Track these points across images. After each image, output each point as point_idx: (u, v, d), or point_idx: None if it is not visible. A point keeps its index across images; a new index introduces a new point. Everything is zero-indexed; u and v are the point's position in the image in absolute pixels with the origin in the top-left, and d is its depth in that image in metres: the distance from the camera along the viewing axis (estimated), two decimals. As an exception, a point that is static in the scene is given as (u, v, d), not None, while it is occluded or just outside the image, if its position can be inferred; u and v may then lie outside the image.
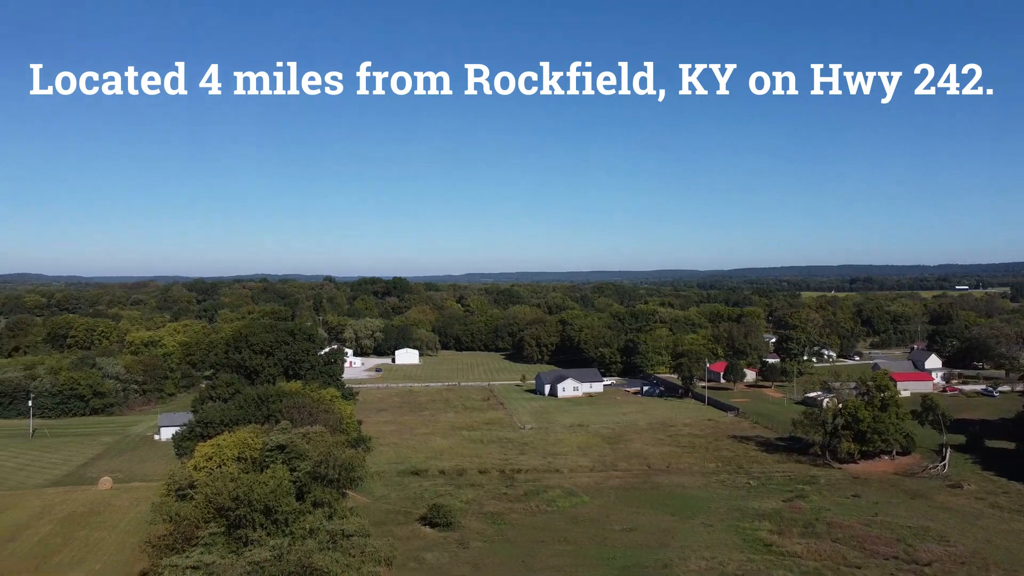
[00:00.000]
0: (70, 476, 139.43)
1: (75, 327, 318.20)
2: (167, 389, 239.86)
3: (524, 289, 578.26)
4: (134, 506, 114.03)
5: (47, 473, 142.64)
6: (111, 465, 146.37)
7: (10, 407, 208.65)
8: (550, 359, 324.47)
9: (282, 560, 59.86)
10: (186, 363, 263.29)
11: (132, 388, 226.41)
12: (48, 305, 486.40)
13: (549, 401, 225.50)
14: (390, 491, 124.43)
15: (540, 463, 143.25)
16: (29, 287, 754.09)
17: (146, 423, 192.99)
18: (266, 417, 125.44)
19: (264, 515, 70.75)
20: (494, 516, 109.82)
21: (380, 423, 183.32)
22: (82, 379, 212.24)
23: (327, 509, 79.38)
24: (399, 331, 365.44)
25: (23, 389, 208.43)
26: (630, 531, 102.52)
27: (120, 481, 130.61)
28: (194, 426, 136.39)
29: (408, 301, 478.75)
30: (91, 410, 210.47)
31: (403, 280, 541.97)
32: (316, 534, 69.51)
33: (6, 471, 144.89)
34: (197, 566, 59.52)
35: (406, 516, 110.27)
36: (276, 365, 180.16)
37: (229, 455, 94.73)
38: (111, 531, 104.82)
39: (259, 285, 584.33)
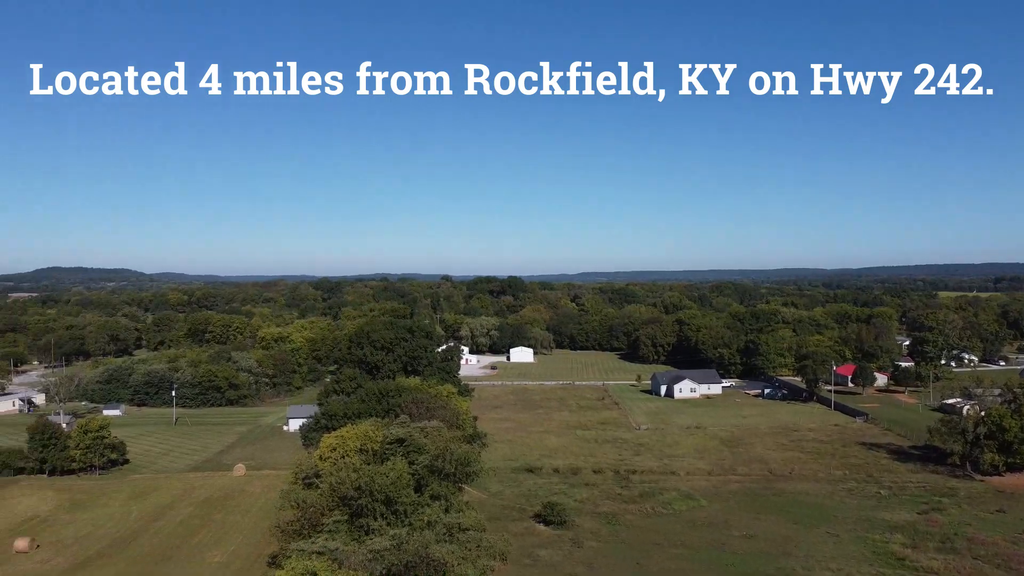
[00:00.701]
0: (208, 462, 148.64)
1: (213, 323, 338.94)
2: (295, 383, 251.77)
3: (640, 288, 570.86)
4: (265, 492, 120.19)
5: (188, 458, 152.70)
6: (244, 453, 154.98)
7: (156, 396, 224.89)
8: (666, 359, 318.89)
9: (401, 550, 61.51)
10: (312, 358, 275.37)
11: (263, 381, 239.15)
12: (189, 302, 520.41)
13: (665, 402, 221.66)
14: (505, 487, 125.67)
15: (656, 465, 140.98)
16: (172, 286, 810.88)
17: (276, 414, 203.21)
18: (386, 411, 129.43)
19: (384, 505, 72.98)
20: (608, 516, 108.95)
21: (495, 420, 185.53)
22: (219, 372, 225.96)
23: (444, 502, 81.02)
24: (514, 329, 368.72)
25: (167, 380, 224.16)
26: (750, 538, 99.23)
27: (252, 468, 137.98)
28: (319, 418, 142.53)
29: (523, 300, 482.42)
30: (226, 401, 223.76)
31: (518, 279, 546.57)
32: (434, 526, 71.05)
33: (153, 455, 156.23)
34: (322, 551, 62.03)
35: (520, 513, 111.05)
36: (396, 361, 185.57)
37: (352, 447, 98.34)
38: (244, 515, 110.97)
39: (380, 284, 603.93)
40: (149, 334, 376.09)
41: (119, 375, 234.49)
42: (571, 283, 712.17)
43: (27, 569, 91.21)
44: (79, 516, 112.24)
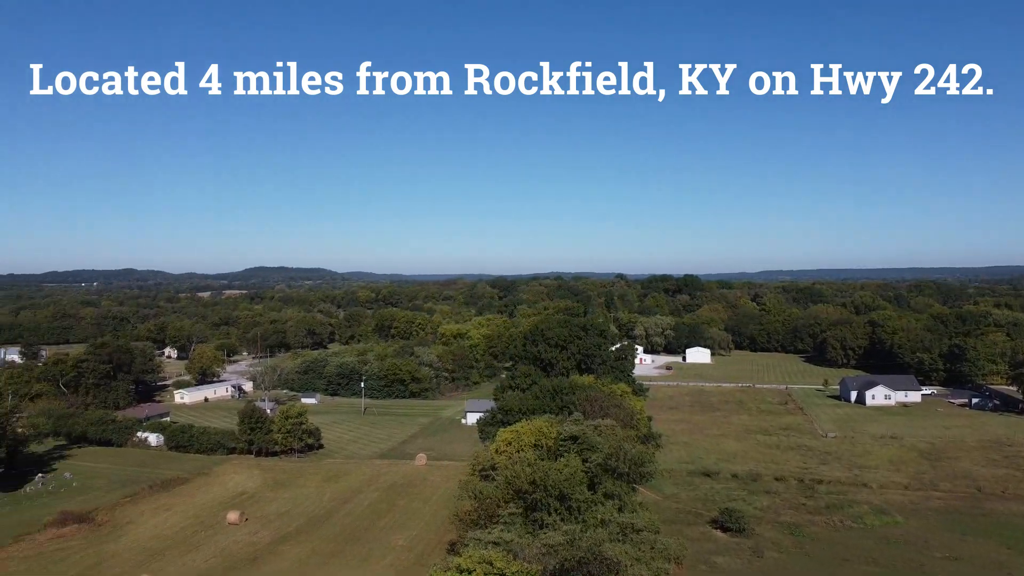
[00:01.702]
0: (393, 450, 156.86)
1: (397, 320, 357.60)
2: (472, 378, 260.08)
3: (826, 287, 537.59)
4: (444, 482, 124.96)
5: (375, 446, 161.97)
6: (425, 444, 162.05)
7: (347, 387, 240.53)
8: (856, 363, 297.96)
9: (574, 546, 61.58)
10: (489, 354, 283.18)
11: (443, 376, 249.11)
12: (376, 300, 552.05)
13: (855, 409, 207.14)
14: (680, 490, 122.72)
15: (844, 475, 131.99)
16: (362, 284, 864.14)
17: (454, 408, 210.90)
18: (560, 408, 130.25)
19: (558, 501, 73.45)
20: (791, 527, 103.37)
21: (670, 421, 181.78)
22: (403, 366, 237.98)
23: (617, 501, 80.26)
24: (690, 329, 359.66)
25: (357, 372, 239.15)
26: (954, 560, 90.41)
27: (433, 458, 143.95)
28: (495, 413, 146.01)
29: (699, 299, 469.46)
30: (409, 393, 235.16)
31: (694, 278, 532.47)
32: (607, 525, 70.57)
33: (344, 442, 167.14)
34: (498, 542, 63.39)
35: (696, 517, 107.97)
36: (570, 359, 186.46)
37: (526, 442, 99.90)
38: (425, 503, 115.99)
39: (554, 283, 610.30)
40: (341, 329, 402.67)
41: (315, 366, 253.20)
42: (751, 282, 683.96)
43: (237, 539, 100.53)
44: (281, 494, 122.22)
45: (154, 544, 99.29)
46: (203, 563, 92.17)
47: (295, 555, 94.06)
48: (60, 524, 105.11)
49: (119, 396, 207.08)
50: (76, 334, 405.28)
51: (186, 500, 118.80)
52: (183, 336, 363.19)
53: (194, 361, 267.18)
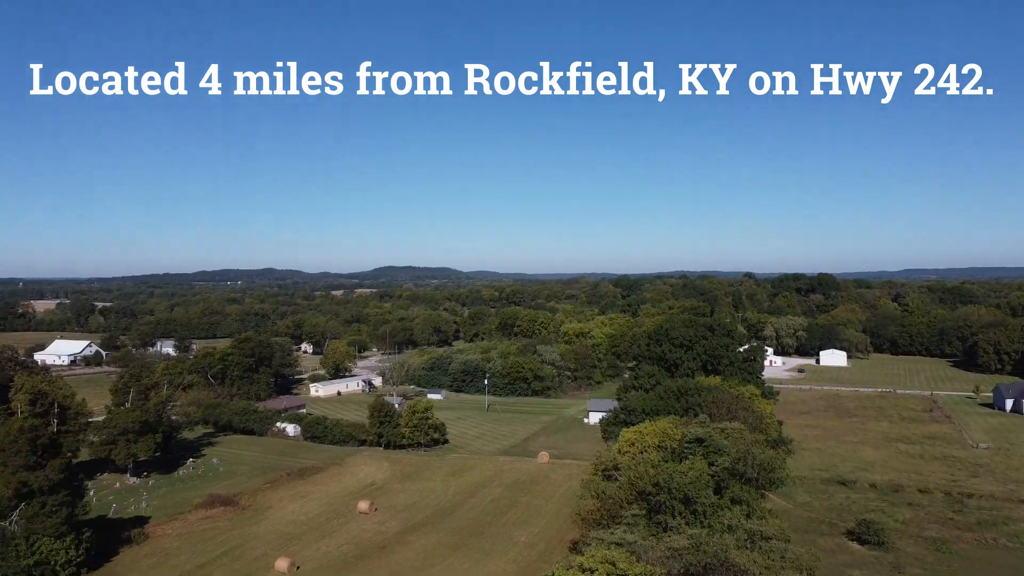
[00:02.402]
0: (515, 447, 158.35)
1: (520, 318, 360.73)
2: (595, 377, 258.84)
3: (978, 287, 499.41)
4: (566, 480, 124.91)
5: (498, 443, 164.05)
6: (548, 442, 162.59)
7: (471, 384, 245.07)
8: (1012, 370, 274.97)
9: (699, 550, 60.04)
10: (611, 354, 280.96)
11: (565, 374, 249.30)
12: (500, 298, 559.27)
13: (1011, 418, 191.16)
14: (813, 498, 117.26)
15: (999, 490, 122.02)
16: (486, 283, 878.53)
17: (577, 407, 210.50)
18: (685, 409, 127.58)
19: (683, 504, 71.85)
20: (937, 543, 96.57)
21: (802, 426, 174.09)
22: (525, 364, 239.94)
23: (745, 507, 77.62)
24: (824, 330, 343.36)
25: (481, 369, 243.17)
26: None
27: (555, 457, 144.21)
28: (618, 413, 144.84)
29: (834, 299, 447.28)
30: (532, 391, 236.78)
31: (829, 276, 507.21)
32: (734, 531, 68.38)
33: (468, 438, 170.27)
34: (620, 543, 62.71)
35: (830, 527, 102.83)
36: (695, 359, 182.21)
37: (650, 443, 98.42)
38: (548, 500, 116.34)
39: (679, 281, 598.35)
40: (465, 327, 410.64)
41: (441, 363, 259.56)
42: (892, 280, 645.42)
43: (367, 528, 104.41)
44: (408, 486, 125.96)
45: (291, 529, 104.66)
46: (336, 549, 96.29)
47: (421, 546, 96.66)
48: (208, 506, 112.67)
49: (260, 388, 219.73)
50: (222, 329, 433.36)
51: (320, 488, 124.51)
52: (318, 332, 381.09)
53: (328, 356, 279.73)
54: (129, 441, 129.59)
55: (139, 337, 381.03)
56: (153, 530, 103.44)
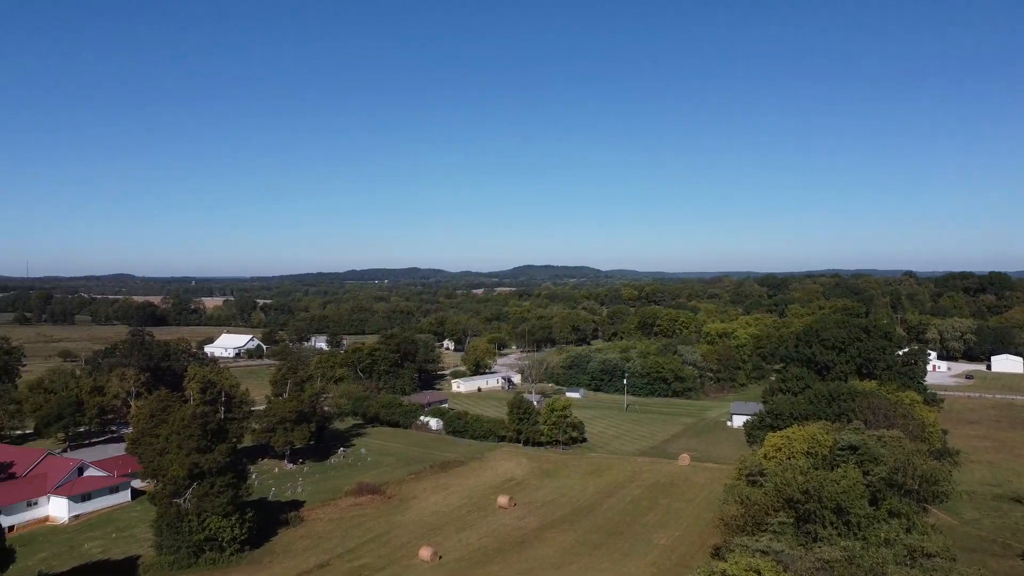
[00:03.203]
0: (655, 448, 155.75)
1: (660, 317, 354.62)
2: (739, 379, 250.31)
3: None
4: (708, 484, 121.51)
5: (636, 443, 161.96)
6: (688, 444, 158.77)
7: (610, 383, 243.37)
8: None
9: (853, 564, 56.53)
10: (756, 355, 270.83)
11: (707, 376, 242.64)
12: (639, 297, 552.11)
13: None
14: (982, 516, 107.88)
15: None
16: (625, 282, 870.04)
17: (719, 409, 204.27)
18: (837, 415, 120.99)
19: (834, 514, 68.00)
20: None
21: (970, 437, 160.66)
22: (665, 364, 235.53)
23: (905, 521, 72.41)
24: (996, 334, 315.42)
25: (620, 369, 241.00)
26: None
27: (696, 460, 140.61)
28: (764, 416, 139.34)
29: (1008, 300, 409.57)
30: (672, 392, 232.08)
31: (1002, 275, 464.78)
32: (892, 545, 63.92)
33: (607, 437, 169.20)
34: (766, 551, 60.18)
35: (1004, 548, 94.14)
36: (848, 362, 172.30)
37: (798, 448, 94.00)
38: (688, 503, 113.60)
39: (830, 280, 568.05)
40: (604, 325, 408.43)
41: (579, 362, 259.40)
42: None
43: (507, 522, 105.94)
44: (547, 483, 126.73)
45: (434, 520, 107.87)
46: (476, 541, 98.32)
47: (560, 543, 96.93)
48: (357, 493, 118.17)
49: (405, 383, 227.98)
50: (370, 326, 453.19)
51: (462, 482, 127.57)
52: (459, 330, 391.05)
53: (469, 353, 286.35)
54: (286, 429, 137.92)
55: (295, 332, 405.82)
56: (307, 514, 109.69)
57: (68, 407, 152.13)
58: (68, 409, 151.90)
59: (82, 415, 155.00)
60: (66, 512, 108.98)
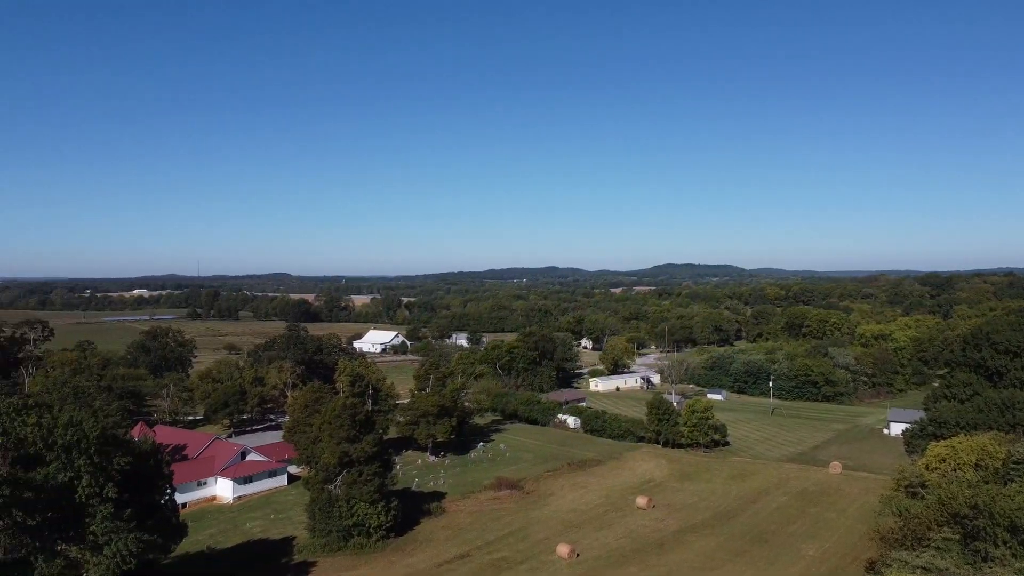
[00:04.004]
0: (802, 455, 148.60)
1: (809, 318, 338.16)
2: (896, 384, 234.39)
3: None
4: (862, 494, 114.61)
5: (783, 449, 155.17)
6: (840, 451, 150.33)
7: (754, 385, 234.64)
8: None
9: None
10: (917, 359, 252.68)
11: (861, 380, 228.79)
12: (786, 297, 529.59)
13: None
14: None
15: None
16: (770, 281, 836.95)
17: (874, 416, 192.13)
18: (1011, 425, 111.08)
19: (1008, 533, 62.12)
20: None
21: None
22: (815, 367, 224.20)
23: (1093, 545, 65.12)
24: None
25: (764, 371, 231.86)
26: None
27: (848, 468, 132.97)
28: (925, 424, 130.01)
29: None
30: (822, 396, 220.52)
31: None
32: (1079, 571, 57.66)
33: (750, 441, 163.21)
34: (928, 568, 55.96)
35: None
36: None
37: (965, 460, 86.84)
38: (840, 514, 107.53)
39: (1003, 279, 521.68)
40: (748, 326, 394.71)
41: (721, 363, 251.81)
42: None
43: (645, 524, 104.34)
44: (686, 486, 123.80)
45: (571, 517, 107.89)
46: (614, 540, 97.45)
47: (700, 547, 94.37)
48: (496, 488, 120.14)
49: (543, 380, 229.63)
50: (509, 324, 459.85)
51: (599, 481, 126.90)
52: (597, 328, 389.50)
53: (607, 352, 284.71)
54: (429, 423, 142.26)
55: (437, 329, 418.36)
56: (448, 505, 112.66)
57: (233, 396, 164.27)
58: (233, 398, 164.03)
59: (244, 403, 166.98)
60: (231, 493, 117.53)
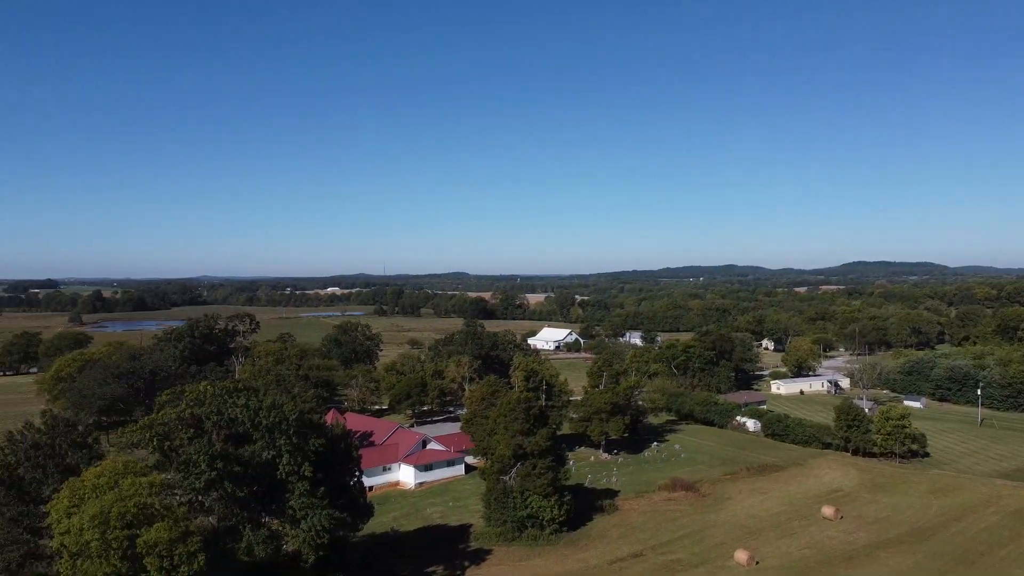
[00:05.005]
0: (1018, 471, 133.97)
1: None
2: None
3: None
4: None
5: (994, 463, 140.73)
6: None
7: (958, 393, 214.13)
8: None
9: None
10: None
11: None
12: (997, 297, 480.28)
13: None
14: None
15: None
16: (979, 279, 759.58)
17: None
18: None
19: None
20: None
21: None
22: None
23: None
24: None
25: (972, 377, 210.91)
26: None
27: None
28: None
29: None
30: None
31: None
32: None
33: (954, 454, 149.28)
34: None
35: None
36: None
37: None
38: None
39: None
40: (952, 328, 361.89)
41: (920, 367, 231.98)
42: None
43: (832, 535, 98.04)
44: (879, 498, 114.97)
45: (750, 523, 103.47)
46: (797, 551, 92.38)
47: (894, 565, 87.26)
48: (671, 489, 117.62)
49: (720, 381, 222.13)
50: (684, 323, 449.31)
51: (780, 487, 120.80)
52: (779, 329, 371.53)
53: (790, 354, 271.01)
54: (602, 420, 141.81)
55: (611, 328, 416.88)
56: (621, 504, 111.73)
57: (415, 387, 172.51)
58: (415, 389, 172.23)
59: (425, 395, 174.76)
60: (412, 479, 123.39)
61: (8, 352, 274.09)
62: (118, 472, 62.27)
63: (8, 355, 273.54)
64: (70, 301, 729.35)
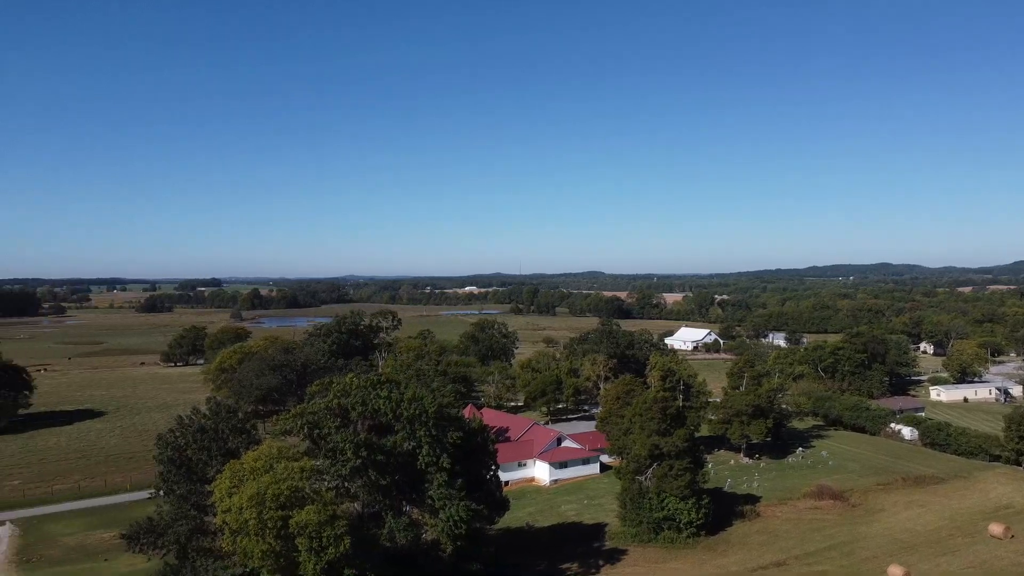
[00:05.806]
0: None
1: None
2: None
3: None
4: None
5: None
6: None
7: None
8: None
9: None
10: None
11: None
12: None
13: None
14: None
15: None
16: None
17: None
18: None
19: None
20: None
21: None
22: None
23: None
24: None
25: None
26: None
27: None
28: None
29: None
30: None
31: None
32: None
33: None
34: None
35: None
36: None
37: None
38: None
39: None
40: None
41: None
42: None
43: (1000, 555, 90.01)
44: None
45: (905, 537, 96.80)
46: (959, 570, 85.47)
47: (1076, 591, 79.08)
48: (817, 496, 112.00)
49: (872, 385, 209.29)
50: (832, 324, 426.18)
51: (941, 500, 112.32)
52: (939, 331, 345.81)
53: (952, 358, 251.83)
54: (742, 423, 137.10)
55: (752, 328, 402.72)
56: (763, 509, 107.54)
57: (550, 385, 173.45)
58: (550, 387, 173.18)
59: (560, 393, 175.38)
60: (547, 476, 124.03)
61: (178, 344, 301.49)
62: (273, 456, 66.40)
63: (178, 347, 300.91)
64: (231, 299, 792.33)
